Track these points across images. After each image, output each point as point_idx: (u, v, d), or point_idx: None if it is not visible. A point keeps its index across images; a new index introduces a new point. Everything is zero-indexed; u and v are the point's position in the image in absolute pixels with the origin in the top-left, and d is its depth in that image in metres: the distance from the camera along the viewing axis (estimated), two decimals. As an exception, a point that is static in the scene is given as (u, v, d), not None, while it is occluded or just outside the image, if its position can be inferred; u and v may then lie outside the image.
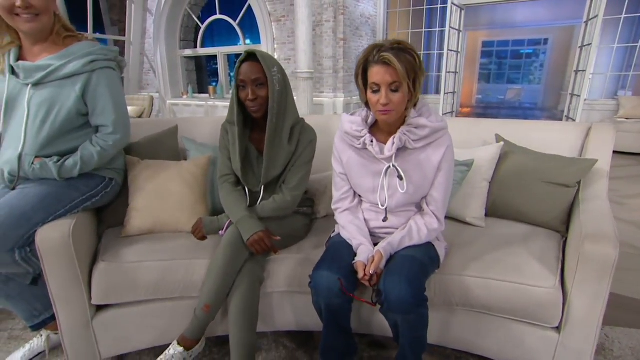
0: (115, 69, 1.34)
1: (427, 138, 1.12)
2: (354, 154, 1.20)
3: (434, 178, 1.16)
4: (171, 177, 1.45)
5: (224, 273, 1.18)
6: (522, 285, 1.12)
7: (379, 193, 1.17)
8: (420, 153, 1.14)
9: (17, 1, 1.10)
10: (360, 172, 1.20)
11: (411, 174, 1.14)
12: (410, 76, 1.02)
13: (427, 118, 1.11)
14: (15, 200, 1.18)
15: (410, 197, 1.17)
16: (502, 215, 1.49)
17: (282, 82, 1.25)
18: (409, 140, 1.10)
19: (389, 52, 0.99)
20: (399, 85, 1.01)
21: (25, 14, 1.13)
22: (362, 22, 5.77)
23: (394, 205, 1.19)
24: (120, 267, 1.23)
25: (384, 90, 1.02)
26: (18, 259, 1.16)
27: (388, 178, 1.16)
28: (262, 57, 1.21)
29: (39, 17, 1.16)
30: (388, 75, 1.01)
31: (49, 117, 1.21)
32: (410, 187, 1.14)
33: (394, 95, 1.03)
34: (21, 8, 1.11)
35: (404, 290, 0.98)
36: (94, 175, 1.32)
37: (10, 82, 1.22)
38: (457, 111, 6.48)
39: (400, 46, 1.02)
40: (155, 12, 7.61)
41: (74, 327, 1.22)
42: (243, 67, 1.23)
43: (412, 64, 1.02)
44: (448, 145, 1.15)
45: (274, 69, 1.23)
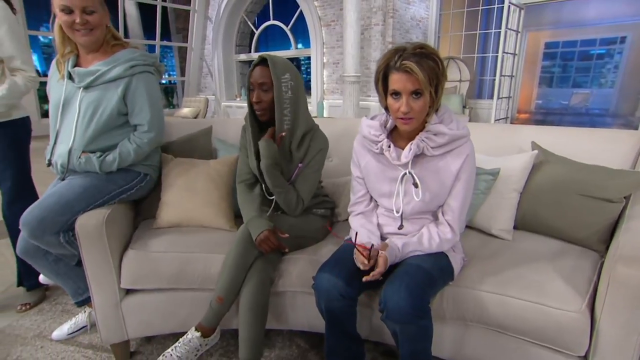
0: (154, 73, 1.46)
1: (446, 145, 1.08)
2: (372, 159, 1.19)
3: (451, 187, 1.12)
4: (199, 174, 1.55)
5: (235, 268, 1.23)
6: (542, 305, 1.04)
7: (394, 199, 1.15)
8: (439, 160, 1.11)
9: (77, 18, 1.26)
10: (378, 177, 1.19)
11: (428, 182, 1.11)
12: (432, 83, 0.99)
13: (446, 125, 1.08)
14: (63, 190, 1.33)
15: (426, 205, 1.14)
16: (533, 229, 1.39)
17: (294, 89, 1.27)
18: (427, 147, 1.08)
19: (411, 59, 0.96)
20: (421, 93, 0.99)
21: (83, 29, 1.29)
22: (413, 25, 5.65)
23: (409, 212, 1.16)
24: (147, 256, 1.33)
25: (405, 97, 1.00)
26: (62, 241, 1.32)
27: (404, 184, 1.14)
28: (273, 63, 1.25)
29: (93, 31, 1.31)
30: (410, 83, 0.98)
31: (95, 116, 1.36)
32: (426, 194, 1.11)
33: (415, 103, 1.00)
34: (79, 24, 1.27)
35: (403, 300, 0.95)
36: (130, 170, 1.45)
37: (67, 86, 1.39)
38: (512, 117, 6.08)
39: (423, 51, 0.98)
40: (214, 20, 8.07)
41: (105, 306, 1.35)
42: (254, 70, 1.28)
43: (435, 70, 0.99)
44: (468, 154, 1.10)
45: (285, 76, 1.25)
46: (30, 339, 1.56)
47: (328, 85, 6.70)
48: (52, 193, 1.32)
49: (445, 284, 1.14)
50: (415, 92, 0.99)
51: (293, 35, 7.57)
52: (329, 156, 1.81)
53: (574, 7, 8.49)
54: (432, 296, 1.08)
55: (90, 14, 1.29)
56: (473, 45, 6.11)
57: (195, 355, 1.25)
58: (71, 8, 1.25)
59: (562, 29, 9.60)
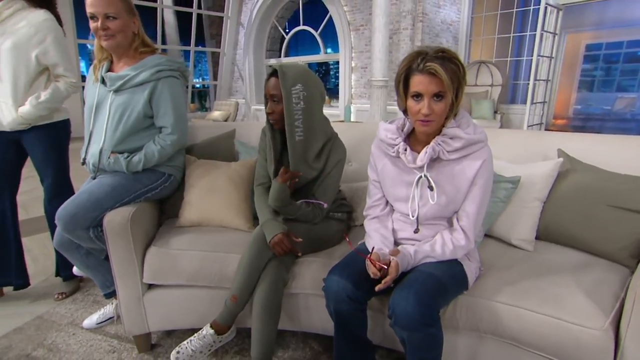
0: (179, 77, 1.53)
1: (463, 150, 1.07)
2: (389, 162, 1.20)
3: (467, 192, 1.10)
4: (220, 176, 1.60)
5: (249, 269, 1.26)
6: (559, 320, 0.99)
7: (410, 203, 1.15)
8: (456, 165, 1.09)
9: (99, 25, 1.36)
10: (394, 181, 1.19)
11: (444, 186, 1.10)
12: (454, 86, 1.00)
13: (463, 129, 1.07)
14: (94, 188, 1.42)
15: (441, 210, 1.13)
16: (556, 240, 1.33)
17: (306, 99, 1.28)
18: (442, 150, 1.07)
19: (435, 62, 0.97)
20: (444, 95, 1.00)
21: (104, 34, 1.38)
22: (443, 28, 5.56)
23: (425, 216, 1.15)
24: (168, 253, 1.39)
25: (426, 100, 1.00)
26: (92, 236, 1.40)
27: (419, 188, 1.13)
28: (282, 75, 1.26)
29: (115, 37, 1.40)
30: (433, 85, 0.98)
31: (123, 118, 1.44)
32: (442, 198, 1.10)
33: (436, 105, 1.01)
34: (101, 29, 1.37)
35: (411, 306, 0.94)
36: (155, 171, 1.53)
37: (100, 90, 1.48)
38: (548, 123, 5.82)
39: (445, 55, 0.99)
40: (246, 25, 8.29)
41: (128, 299, 1.42)
42: (268, 82, 1.31)
43: (457, 74, 0.99)
44: (485, 159, 1.08)
45: (295, 87, 1.26)
46: (64, 326, 1.66)
47: (356, 89, 6.70)
48: (84, 191, 1.41)
49: (459, 293, 1.11)
50: (437, 95, 1.00)
51: (322, 40, 7.64)
52: (349, 160, 1.82)
53: (620, 6, 7.99)
54: (442, 305, 1.06)
55: (112, 20, 1.37)
56: (506, 48, 5.92)
57: (209, 350, 1.29)
58: (95, 15, 1.36)
59: (605, 29, 9.06)
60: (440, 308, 1.04)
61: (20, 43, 1.61)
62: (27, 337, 1.59)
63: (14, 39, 1.60)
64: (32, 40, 1.62)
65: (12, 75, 1.62)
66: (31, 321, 1.70)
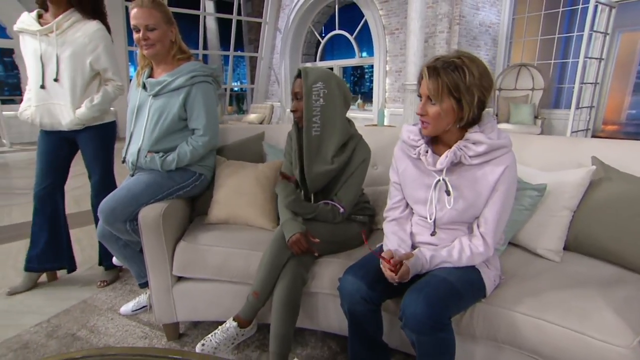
0: (212, 83, 1.62)
1: (485, 155, 1.06)
2: (410, 164, 1.20)
3: (488, 198, 1.09)
4: (248, 176, 1.67)
5: (270, 266, 1.31)
6: (583, 335, 0.95)
7: (427, 206, 1.14)
8: (477, 170, 1.08)
9: (141, 36, 1.48)
10: (414, 183, 1.19)
11: (463, 190, 1.09)
12: (453, 94, 1.00)
13: (486, 135, 1.05)
14: (132, 185, 1.53)
15: (460, 214, 1.12)
16: (587, 251, 1.27)
17: (327, 96, 1.33)
18: (464, 155, 1.06)
19: (435, 68, 1.00)
20: (436, 100, 1.02)
21: (145, 44, 1.50)
22: (481, 31, 5.39)
23: (443, 220, 1.14)
24: (196, 247, 1.47)
25: (423, 100, 1.05)
26: (129, 228, 1.52)
27: (437, 191, 1.12)
28: (305, 74, 1.33)
29: (154, 46, 1.51)
30: (426, 88, 1.02)
31: (160, 121, 1.55)
32: (460, 203, 1.09)
33: (430, 108, 1.03)
34: (142, 39, 1.49)
35: (420, 309, 0.95)
36: (187, 170, 1.62)
37: (141, 94, 1.60)
38: (596, 129, 5.47)
39: (454, 61, 0.99)
40: (283, 30, 8.49)
41: (159, 290, 1.52)
42: (295, 81, 1.38)
43: (455, 82, 0.99)
44: (508, 166, 1.06)
45: (316, 85, 1.32)
46: (104, 311, 1.80)
47: (390, 93, 6.65)
48: (123, 187, 1.53)
49: (476, 300, 1.10)
50: (431, 97, 1.02)
51: (357, 44, 7.66)
52: (374, 164, 1.83)
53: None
54: (455, 310, 1.05)
55: (152, 31, 1.49)
56: (550, 50, 5.63)
57: (232, 343, 1.35)
58: (138, 27, 1.48)
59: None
60: (452, 313, 1.03)
61: (77, 51, 1.78)
62: (73, 318, 1.75)
63: (72, 48, 1.77)
64: (87, 48, 1.78)
65: (70, 81, 1.79)
66: (77, 304, 1.85)
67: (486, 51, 5.58)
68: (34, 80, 1.80)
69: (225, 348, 1.34)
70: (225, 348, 1.33)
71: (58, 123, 1.83)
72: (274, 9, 8.55)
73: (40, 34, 1.74)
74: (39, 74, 1.77)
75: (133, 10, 1.47)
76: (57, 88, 1.79)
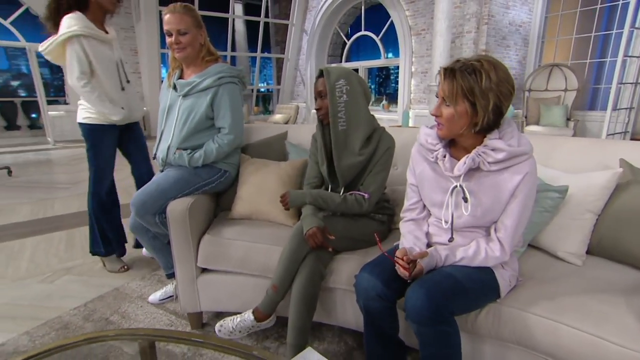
0: (238, 83, 1.69)
1: (504, 162, 1.05)
2: (428, 167, 1.20)
3: (506, 204, 1.08)
4: (270, 174, 1.73)
5: (289, 260, 1.36)
6: (599, 339, 0.94)
7: (443, 211, 1.15)
8: (496, 176, 1.07)
9: (173, 39, 1.57)
10: (431, 186, 1.20)
11: (481, 197, 1.09)
12: (468, 97, 0.99)
13: (506, 141, 1.04)
14: (161, 180, 1.63)
15: (477, 220, 1.12)
16: (611, 256, 1.24)
17: (350, 92, 1.37)
18: (483, 161, 1.05)
19: (453, 71, 0.99)
20: (450, 102, 1.02)
21: (177, 47, 1.59)
22: (511, 30, 5.25)
23: (460, 225, 1.14)
24: (219, 241, 1.54)
25: (439, 101, 1.06)
26: (157, 221, 1.61)
27: (454, 197, 1.13)
28: (327, 73, 1.38)
29: (186, 49, 1.60)
30: (442, 89, 1.03)
31: (189, 119, 1.63)
32: (477, 209, 1.09)
33: (445, 110, 1.04)
34: (174, 43, 1.58)
35: (420, 301, 0.97)
36: (213, 167, 1.70)
37: (172, 94, 1.70)
38: (636, 132, 5.19)
39: (472, 63, 0.98)
40: (309, 32, 8.58)
41: (185, 280, 1.60)
42: (317, 82, 1.43)
43: (470, 86, 0.98)
44: (528, 172, 1.05)
45: (339, 82, 1.36)
46: (134, 299, 1.91)
47: (415, 94, 6.59)
48: (153, 181, 1.62)
49: (489, 300, 1.10)
50: (446, 99, 1.03)
51: (383, 45, 7.64)
52: (394, 164, 1.84)
53: None
54: (460, 306, 1.05)
55: (183, 35, 1.58)
56: (585, 49, 5.40)
57: (247, 332, 1.43)
58: (170, 31, 1.57)
59: None
60: (456, 308, 1.03)
61: None
62: (107, 304, 1.87)
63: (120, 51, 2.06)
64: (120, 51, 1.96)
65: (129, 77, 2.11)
66: (110, 292, 1.98)
67: (516, 51, 5.43)
68: (113, 85, 1.96)
69: (240, 334, 1.42)
70: (240, 334, 1.42)
71: (135, 116, 2.10)
72: (301, 10, 8.66)
73: (109, 42, 1.99)
74: (117, 78, 1.98)
75: (166, 15, 1.57)
76: (129, 87, 2.06)
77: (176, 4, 1.58)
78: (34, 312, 1.80)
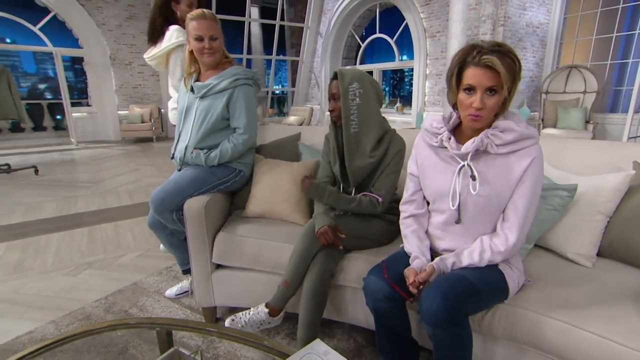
0: (253, 85, 1.75)
1: (513, 144, 1.04)
2: (431, 153, 1.18)
3: (514, 190, 1.06)
4: (283, 174, 1.77)
5: (300, 257, 1.40)
6: (607, 340, 0.94)
7: (450, 193, 1.11)
8: (503, 159, 1.06)
9: (206, 44, 1.63)
10: (435, 172, 1.17)
11: (489, 177, 1.06)
12: (510, 81, 0.97)
13: (516, 123, 1.04)
14: (179, 178, 1.69)
15: (485, 202, 1.08)
16: (622, 259, 1.23)
17: (363, 96, 1.41)
18: (491, 143, 1.04)
19: (492, 55, 0.95)
20: (498, 89, 0.98)
21: (208, 52, 1.65)
22: (528, 32, 5.18)
23: (468, 208, 1.11)
24: (233, 238, 1.60)
25: (479, 93, 0.99)
26: (175, 218, 1.68)
27: (462, 178, 1.09)
28: (341, 76, 1.42)
29: (216, 54, 1.67)
30: (487, 78, 0.97)
31: (205, 120, 1.70)
32: (486, 188, 1.06)
33: (489, 100, 0.99)
34: (207, 48, 1.64)
35: (436, 304, 0.97)
36: (228, 167, 1.76)
37: (189, 97, 1.76)
38: (658, 135, 5.04)
39: (501, 48, 0.97)
40: (324, 35, 8.64)
41: (200, 275, 1.66)
42: (331, 83, 1.46)
43: (513, 69, 0.96)
44: (535, 157, 1.04)
45: (352, 85, 1.40)
46: (152, 293, 1.99)
47: (429, 97, 6.56)
48: (171, 180, 1.69)
49: (498, 301, 1.11)
50: (490, 89, 0.98)
51: (397, 47, 7.63)
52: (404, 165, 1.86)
53: None
54: (473, 308, 1.06)
55: (215, 40, 1.65)
56: (606, 50, 5.28)
57: (259, 327, 1.45)
58: (202, 37, 1.63)
59: None
60: (470, 310, 1.04)
61: None
62: (126, 297, 1.95)
63: None
64: None
65: None
66: (129, 286, 2.06)
67: (533, 53, 5.35)
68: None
69: (251, 329, 1.43)
70: (251, 329, 1.43)
71: None
72: (316, 13, 8.73)
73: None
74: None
75: (197, 21, 1.62)
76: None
77: (204, 10, 1.64)
78: (59, 303, 1.89)
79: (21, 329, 1.67)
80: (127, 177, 4.75)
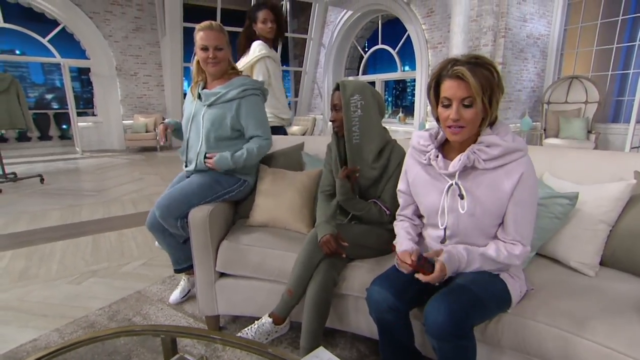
0: (260, 95, 1.79)
1: (499, 159, 1.04)
2: (421, 171, 1.18)
3: (507, 206, 1.06)
4: (286, 184, 1.79)
5: (303, 266, 1.41)
6: (609, 349, 0.95)
7: (439, 212, 1.11)
8: (493, 174, 1.06)
9: (210, 54, 1.67)
10: (426, 189, 1.17)
11: (479, 195, 1.06)
12: (485, 92, 0.98)
13: (501, 137, 1.04)
14: (186, 186, 1.71)
15: (476, 222, 1.08)
16: (625, 268, 1.24)
17: (364, 107, 1.43)
18: (478, 159, 1.04)
19: (464, 66, 0.96)
20: (472, 100, 0.98)
21: (213, 62, 1.69)
22: (529, 43, 5.23)
23: (457, 228, 1.11)
24: (237, 247, 1.61)
25: (455, 105, 1.00)
26: (179, 225, 1.69)
27: (450, 197, 1.09)
28: (343, 87, 1.45)
29: (220, 63, 1.71)
30: (460, 90, 0.98)
31: (213, 128, 1.73)
32: (476, 208, 1.06)
33: (465, 111, 1.00)
34: (211, 58, 1.68)
35: (442, 316, 0.97)
36: (233, 176, 1.78)
37: (197, 104, 1.80)
38: (661, 145, 5.04)
39: (477, 61, 0.98)
40: (327, 46, 8.74)
41: (204, 283, 1.67)
42: (334, 94, 1.50)
43: (489, 79, 0.97)
44: (524, 172, 1.03)
45: (354, 97, 1.42)
46: (155, 301, 2.00)
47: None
48: (177, 187, 1.71)
49: (501, 311, 1.11)
50: (466, 99, 0.98)
51: (399, 58, 7.71)
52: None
53: None
54: (477, 319, 1.06)
55: (219, 51, 1.69)
56: (607, 61, 5.32)
57: (266, 338, 1.46)
58: (207, 47, 1.67)
59: None
60: (475, 322, 1.03)
61: None
62: (129, 305, 1.96)
63: None
64: None
65: None
66: (133, 294, 2.07)
67: (534, 64, 5.39)
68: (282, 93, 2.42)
69: (259, 341, 1.44)
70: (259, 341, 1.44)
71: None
72: (319, 25, 8.85)
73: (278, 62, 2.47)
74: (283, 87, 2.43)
75: (204, 32, 1.66)
76: None
77: (212, 22, 1.69)
78: (63, 311, 1.90)
79: (25, 337, 1.68)
80: (131, 186, 4.79)
